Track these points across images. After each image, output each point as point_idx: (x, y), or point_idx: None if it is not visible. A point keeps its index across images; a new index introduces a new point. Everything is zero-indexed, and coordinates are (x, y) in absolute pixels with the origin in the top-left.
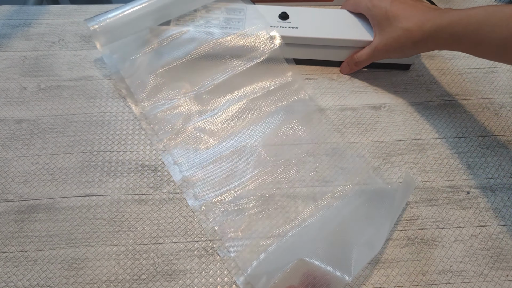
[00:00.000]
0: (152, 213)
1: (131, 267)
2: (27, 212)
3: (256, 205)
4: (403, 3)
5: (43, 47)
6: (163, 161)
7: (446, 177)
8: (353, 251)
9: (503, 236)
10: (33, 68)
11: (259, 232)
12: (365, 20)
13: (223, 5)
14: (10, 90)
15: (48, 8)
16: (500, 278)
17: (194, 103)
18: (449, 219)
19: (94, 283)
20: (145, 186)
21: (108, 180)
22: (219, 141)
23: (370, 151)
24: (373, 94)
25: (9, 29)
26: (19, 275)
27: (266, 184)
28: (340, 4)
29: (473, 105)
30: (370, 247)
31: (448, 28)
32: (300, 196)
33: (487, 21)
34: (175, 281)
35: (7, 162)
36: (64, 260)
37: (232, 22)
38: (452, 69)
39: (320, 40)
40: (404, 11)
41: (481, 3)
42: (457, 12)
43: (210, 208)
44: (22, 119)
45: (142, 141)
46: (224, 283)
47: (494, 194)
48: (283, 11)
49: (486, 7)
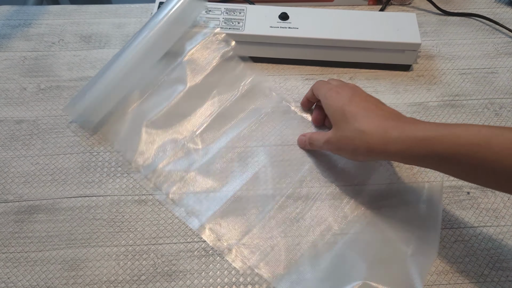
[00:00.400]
0: (152, 213)
1: (131, 267)
2: (27, 213)
3: (286, 235)
4: (365, 100)
5: (43, 48)
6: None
7: (446, 177)
8: (406, 264)
9: (503, 237)
10: (33, 69)
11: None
12: (366, 21)
13: (223, 5)
14: (10, 91)
15: (48, 9)
16: (500, 279)
17: (192, 145)
18: (449, 219)
19: (94, 283)
20: (145, 186)
21: (108, 181)
22: (229, 179)
23: None
24: (373, 94)
25: (9, 29)
26: (19, 275)
27: (288, 208)
28: (340, 4)
29: (473, 105)
30: (423, 252)
31: (426, 145)
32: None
33: (487, 146)
34: (175, 282)
35: (7, 162)
36: (64, 260)
37: (232, 23)
38: (452, 69)
39: (320, 41)
40: (364, 110)
41: (480, 2)
42: (434, 127)
43: (240, 250)
44: (22, 120)
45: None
46: (224, 283)
47: (494, 195)
48: (283, 11)
49: (479, 128)
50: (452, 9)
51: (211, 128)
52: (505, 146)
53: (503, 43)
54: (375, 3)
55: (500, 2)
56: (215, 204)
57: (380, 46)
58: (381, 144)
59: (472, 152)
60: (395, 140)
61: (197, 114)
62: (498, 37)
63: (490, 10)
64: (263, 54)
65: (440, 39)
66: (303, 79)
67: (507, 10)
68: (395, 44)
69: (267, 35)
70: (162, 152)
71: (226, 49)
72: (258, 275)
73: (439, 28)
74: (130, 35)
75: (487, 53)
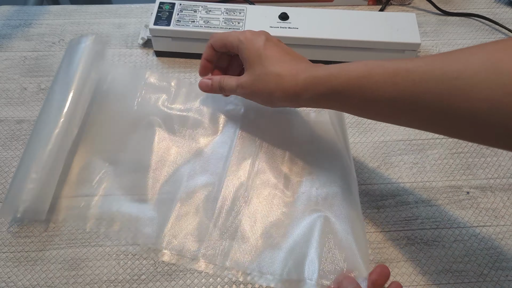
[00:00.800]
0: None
1: (131, 267)
2: None
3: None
4: (277, 46)
5: (43, 48)
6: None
7: (445, 177)
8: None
9: (503, 236)
10: (33, 69)
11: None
12: (365, 21)
13: (223, 5)
14: (11, 91)
15: (48, 9)
16: (500, 278)
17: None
18: (449, 219)
19: (94, 283)
20: (145, 186)
21: (108, 180)
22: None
23: (370, 151)
24: None
25: (9, 29)
26: (19, 275)
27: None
28: (340, 4)
29: None
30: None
31: (325, 82)
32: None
33: (369, 77)
34: (175, 281)
35: (7, 162)
36: (64, 260)
37: (232, 23)
38: None
39: (320, 41)
40: (279, 54)
41: (480, 2)
42: (336, 66)
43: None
44: (22, 119)
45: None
46: (224, 283)
47: (493, 194)
48: (283, 12)
49: (366, 62)
50: (451, 9)
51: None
52: (382, 76)
53: None
54: (375, 3)
55: (500, 2)
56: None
57: (380, 46)
58: (293, 86)
59: (358, 84)
60: (304, 82)
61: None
62: (498, 37)
63: (489, 10)
64: None
65: (439, 39)
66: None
67: (507, 10)
68: (395, 44)
69: None
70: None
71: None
72: (258, 275)
73: (439, 28)
74: (130, 35)
75: None
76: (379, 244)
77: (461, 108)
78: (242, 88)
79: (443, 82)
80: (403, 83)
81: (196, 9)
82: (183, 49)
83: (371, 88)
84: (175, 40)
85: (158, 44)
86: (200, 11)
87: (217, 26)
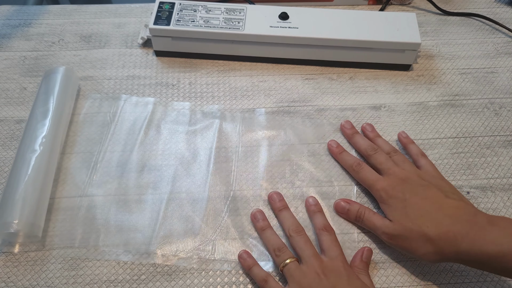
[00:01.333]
0: (152, 213)
1: (131, 267)
2: None
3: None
4: (426, 198)
5: (43, 47)
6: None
7: (446, 177)
8: None
9: None
10: (33, 68)
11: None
12: (365, 21)
13: (223, 5)
14: (10, 90)
15: (48, 8)
16: (500, 278)
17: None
18: None
19: (94, 283)
20: (145, 186)
21: (108, 180)
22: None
23: None
24: (373, 94)
25: (9, 29)
26: (19, 275)
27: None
28: (340, 4)
29: (473, 105)
30: None
31: (498, 261)
32: None
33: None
34: (175, 281)
35: (7, 162)
36: (64, 260)
37: (232, 22)
38: (452, 69)
39: (320, 40)
40: (429, 211)
41: (480, 2)
42: (506, 238)
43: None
44: (22, 119)
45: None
46: (224, 283)
47: (494, 194)
48: (283, 11)
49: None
50: (452, 9)
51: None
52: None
53: (503, 43)
54: (375, 3)
55: (500, 2)
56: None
57: (380, 46)
58: (453, 252)
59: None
60: (467, 253)
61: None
62: (498, 37)
63: (490, 10)
64: (263, 54)
65: (440, 39)
66: (303, 79)
67: (507, 10)
68: (395, 43)
69: (267, 35)
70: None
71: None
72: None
73: (439, 28)
74: (130, 35)
75: (487, 53)
76: (380, 244)
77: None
78: (387, 237)
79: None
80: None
81: (196, 8)
82: (183, 48)
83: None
84: (175, 39)
85: (158, 44)
86: (200, 11)
87: (217, 26)
